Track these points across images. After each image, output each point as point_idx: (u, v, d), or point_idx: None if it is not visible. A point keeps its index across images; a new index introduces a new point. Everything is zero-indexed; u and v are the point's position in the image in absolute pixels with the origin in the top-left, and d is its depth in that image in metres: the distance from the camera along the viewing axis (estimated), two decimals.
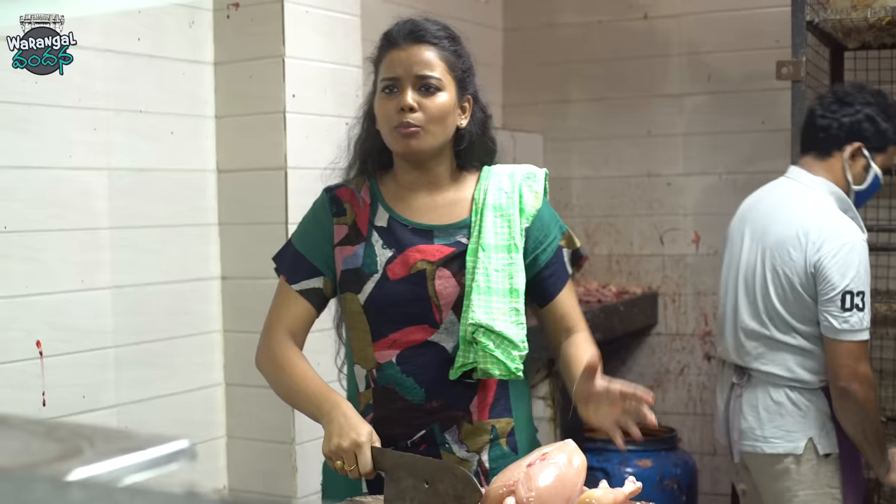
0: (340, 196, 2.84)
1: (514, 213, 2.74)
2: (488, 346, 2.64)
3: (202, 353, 3.91)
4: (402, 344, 2.71)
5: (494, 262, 2.68)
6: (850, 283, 3.60)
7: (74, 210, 3.44)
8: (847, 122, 3.80)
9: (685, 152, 5.69)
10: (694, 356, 5.69)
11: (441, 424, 2.72)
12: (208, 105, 3.93)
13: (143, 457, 1.13)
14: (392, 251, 2.73)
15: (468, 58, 2.82)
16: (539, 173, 2.85)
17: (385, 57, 2.76)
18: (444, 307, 2.69)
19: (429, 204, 2.79)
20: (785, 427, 3.74)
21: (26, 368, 3.28)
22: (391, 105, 2.69)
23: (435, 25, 2.77)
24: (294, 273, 2.84)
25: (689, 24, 5.67)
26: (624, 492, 2.33)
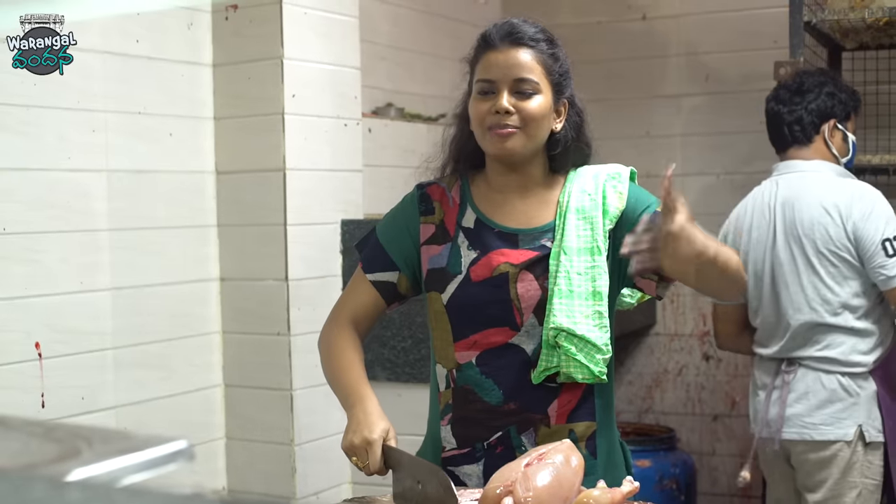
0: (431, 194, 2.83)
1: (597, 214, 2.71)
2: (570, 349, 2.62)
3: (201, 354, 3.92)
4: (483, 345, 2.70)
5: (577, 265, 2.66)
6: (885, 230, 3.77)
7: (73, 212, 3.44)
8: (815, 107, 3.98)
9: (683, 153, 5.69)
10: (692, 356, 5.69)
11: (518, 427, 2.69)
12: (207, 107, 3.94)
13: (142, 457, 1.13)
14: (477, 252, 2.72)
15: (565, 61, 2.81)
16: (624, 172, 2.82)
17: (482, 58, 2.73)
18: (525, 310, 2.68)
19: (517, 207, 2.77)
20: (836, 414, 3.82)
21: (25, 370, 3.28)
22: (486, 107, 2.67)
23: (533, 28, 2.75)
24: (371, 262, 2.84)
25: (687, 24, 5.67)
26: (622, 491, 2.33)
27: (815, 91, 3.99)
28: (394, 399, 3.81)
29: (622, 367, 5.83)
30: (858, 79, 5.06)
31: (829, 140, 3.97)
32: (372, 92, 4.80)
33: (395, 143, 4.76)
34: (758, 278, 3.99)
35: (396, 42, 5.09)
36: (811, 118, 3.97)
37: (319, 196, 4.00)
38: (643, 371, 5.79)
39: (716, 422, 5.62)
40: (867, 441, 3.80)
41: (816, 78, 4.05)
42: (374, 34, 4.88)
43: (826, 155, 3.99)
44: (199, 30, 3.91)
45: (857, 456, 3.80)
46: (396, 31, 5.11)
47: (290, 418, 3.88)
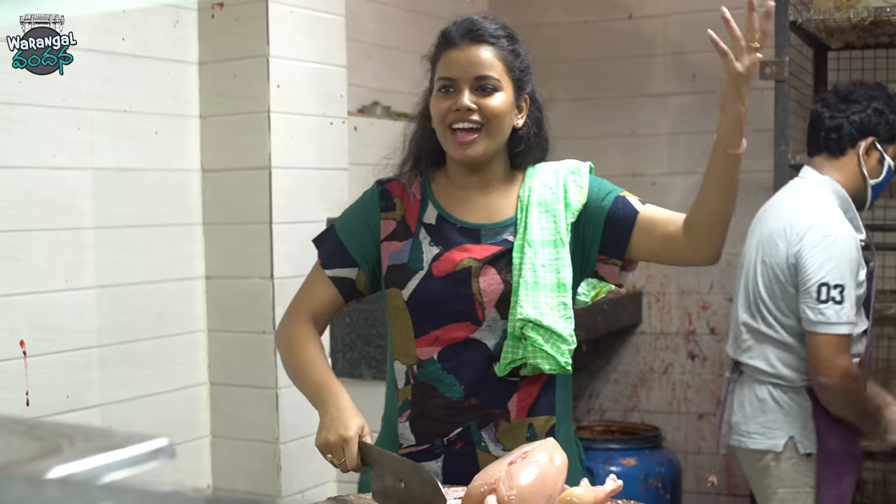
0: (391, 190, 2.83)
1: (559, 207, 2.73)
2: (537, 340, 2.63)
3: (186, 352, 3.92)
4: (444, 341, 2.70)
5: (541, 257, 2.68)
6: (827, 274, 3.62)
7: (59, 210, 3.44)
8: (857, 119, 3.82)
9: (670, 152, 5.70)
10: (678, 355, 5.71)
11: (478, 422, 2.70)
12: (193, 105, 3.94)
13: (122, 455, 1.13)
14: (439, 248, 2.72)
15: (526, 56, 2.79)
16: (583, 167, 2.83)
17: (442, 56, 2.73)
18: (487, 304, 2.68)
19: (479, 203, 2.78)
20: (767, 424, 3.77)
21: (10, 368, 3.28)
22: (447, 104, 2.68)
23: (493, 24, 2.74)
24: (330, 258, 2.84)
25: (673, 24, 5.68)
26: (605, 490, 2.33)
27: (863, 103, 3.85)
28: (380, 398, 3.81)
29: (608, 365, 5.84)
30: (844, 78, 5.07)
31: (864, 158, 3.83)
32: (358, 90, 4.80)
33: (380, 142, 4.73)
34: (739, 266, 4.01)
35: (383, 40, 5.09)
36: (851, 130, 3.83)
37: (305, 194, 4.00)
38: (629, 370, 5.81)
39: (701, 420, 5.63)
40: (802, 453, 3.75)
41: (869, 91, 3.90)
42: (361, 33, 4.88)
43: (849, 174, 3.84)
44: (184, 28, 3.91)
45: (793, 467, 3.75)
46: (383, 29, 5.11)
47: (276, 416, 3.88)
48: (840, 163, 3.85)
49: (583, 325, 4.85)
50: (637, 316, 5.77)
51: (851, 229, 3.73)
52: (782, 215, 3.79)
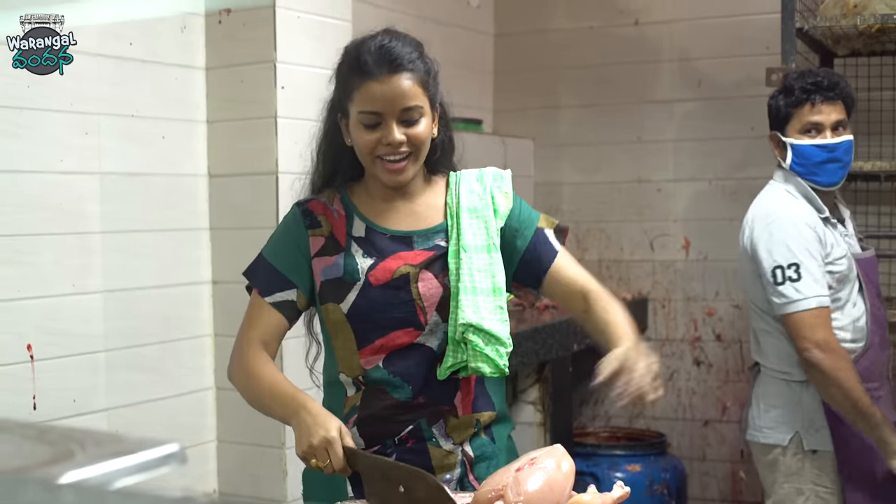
0: (313, 209, 2.81)
1: (489, 214, 2.76)
2: (478, 344, 2.65)
3: (193, 357, 3.92)
4: (389, 348, 2.72)
5: (477, 262, 2.71)
6: (778, 257, 3.70)
7: (66, 214, 3.44)
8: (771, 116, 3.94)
9: (675, 158, 5.70)
10: (684, 362, 5.70)
11: (428, 419, 2.73)
12: (200, 110, 3.94)
13: (134, 460, 1.13)
14: (373, 259, 2.73)
15: (433, 64, 2.78)
16: (506, 174, 2.86)
17: (360, 87, 2.68)
18: (428, 308, 2.70)
19: (404, 211, 2.79)
20: (776, 419, 3.81)
21: (17, 372, 3.28)
22: (374, 137, 2.65)
23: (406, 46, 2.72)
24: (267, 286, 2.82)
25: (679, 30, 5.68)
26: (612, 496, 2.34)
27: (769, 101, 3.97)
28: None
29: None
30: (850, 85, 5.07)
31: (775, 152, 3.94)
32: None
33: None
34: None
35: None
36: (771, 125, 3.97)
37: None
38: None
39: (706, 427, 5.63)
40: (808, 449, 3.76)
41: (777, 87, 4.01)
42: None
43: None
44: (192, 33, 3.91)
45: (799, 463, 3.76)
46: None
47: None
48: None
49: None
50: (642, 322, 5.76)
51: (802, 209, 3.79)
52: (746, 216, 3.91)
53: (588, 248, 5.90)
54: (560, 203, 5.94)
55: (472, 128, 5.45)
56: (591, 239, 5.91)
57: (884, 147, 5.07)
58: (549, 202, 5.85)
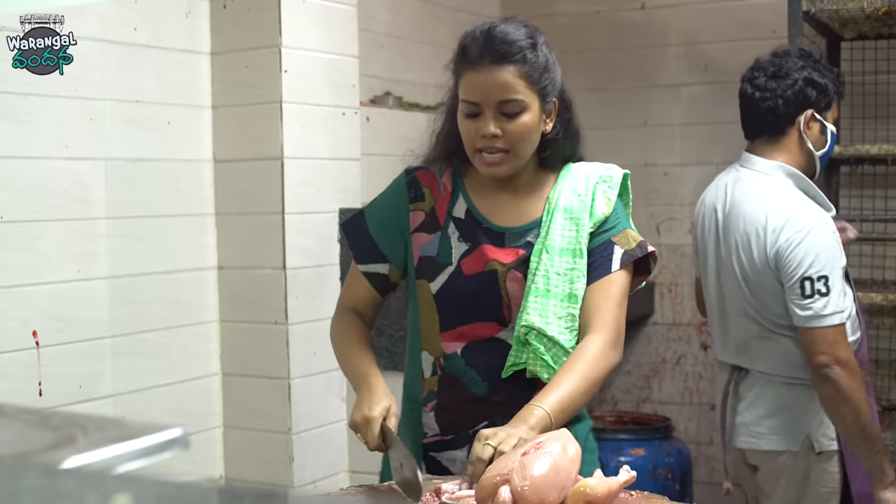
0: (420, 179, 2.82)
1: (584, 216, 2.71)
2: (539, 349, 2.65)
3: (199, 342, 3.92)
4: (469, 337, 2.72)
5: (557, 265, 2.67)
6: (808, 269, 3.48)
7: (71, 200, 3.44)
8: (790, 95, 3.66)
9: (682, 142, 5.69)
10: (690, 346, 5.70)
11: (503, 418, 2.69)
12: (205, 95, 3.94)
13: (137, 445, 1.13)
14: (467, 245, 2.73)
15: (549, 56, 2.72)
16: (616, 176, 2.80)
17: (463, 75, 2.66)
18: (514, 307, 2.70)
19: (507, 204, 2.77)
20: (782, 424, 3.66)
21: (23, 358, 3.28)
22: (473, 128, 2.64)
23: (513, 33, 2.65)
24: (362, 254, 2.85)
25: (686, 14, 5.66)
26: (619, 481, 2.33)
27: (792, 76, 3.67)
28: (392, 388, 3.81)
29: None
30: (857, 69, 5.05)
31: (805, 133, 3.68)
32: (370, 80, 4.80)
33: (393, 132, 4.76)
34: (703, 271, 3.86)
35: (395, 31, 5.09)
36: (786, 109, 3.67)
37: (317, 185, 4.00)
38: (641, 360, 5.80)
39: (713, 411, 5.62)
40: (819, 450, 3.65)
41: (795, 61, 3.72)
42: (373, 23, 4.87)
43: (794, 153, 3.70)
44: (197, 18, 3.91)
45: (806, 465, 3.65)
46: (395, 19, 5.10)
47: (288, 407, 3.88)
48: (782, 143, 3.71)
49: None
50: (649, 307, 5.76)
51: (822, 214, 3.60)
52: (749, 218, 3.63)
53: None
54: None
55: None
56: None
57: (891, 130, 5.05)
58: None
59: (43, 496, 0.94)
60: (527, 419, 2.50)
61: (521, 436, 2.43)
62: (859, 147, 4.68)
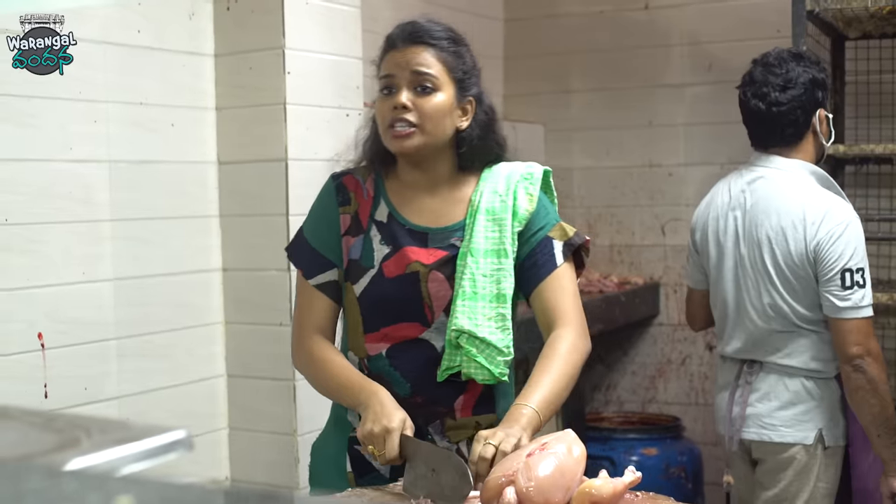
0: (346, 184, 2.86)
1: (506, 217, 2.75)
2: (472, 351, 2.67)
3: (204, 344, 3.92)
4: (393, 338, 2.75)
5: (483, 267, 2.70)
6: (849, 261, 3.59)
7: (75, 202, 3.44)
8: (805, 104, 3.76)
9: (686, 142, 5.69)
10: (696, 346, 5.70)
11: (424, 419, 2.75)
12: (209, 97, 3.94)
13: (141, 447, 1.13)
14: (389, 248, 2.76)
15: (471, 59, 2.82)
16: (537, 173, 2.83)
17: (385, 58, 2.79)
18: (436, 308, 2.73)
19: (428, 204, 2.80)
20: (797, 416, 3.71)
21: (28, 360, 3.28)
22: (387, 104, 2.72)
23: (436, 27, 2.79)
24: (309, 267, 2.86)
25: (689, 14, 5.67)
26: (624, 481, 2.33)
27: (800, 84, 3.75)
28: None
29: (626, 356, 5.83)
30: (861, 68, 5.05)
31: (819, 129, 3.80)
32: (374, 82, 4.79)
33: None
34: (718, 273, 3.88)
35: None
36: (804, 118, 3.76)
37: (321, 186, 3.99)
38: (646, 361, 5.80)
39: None
40: (826, 446, 3.71)
41: (798, 68, 3.78)
42: (376, 24, 4.87)
43: (811, 150, 3.80)
44: (200, 20, 3.91)
45: (814, 460, 3.70)
46: (398, 20, 5.09)
47: (293, 408, 3.88)
48: (798, 147, 3.81)
49: (600, 317, 4.86)
50: (655, 307, 5.76)
51: (853, 209, 3.72)
52: (783, 212, 3.69)
53: (599, 233, 5.89)
54: (571, 188, 5.93)
55: None
56: (602, 224, 5.90)
57: (895, 129, 5.05)
58: (560, 187, 5.80)
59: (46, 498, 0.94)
60: (518, 419, 2.52)
61: (518, 436, 2.45)
62: (864, 146, 4.67)
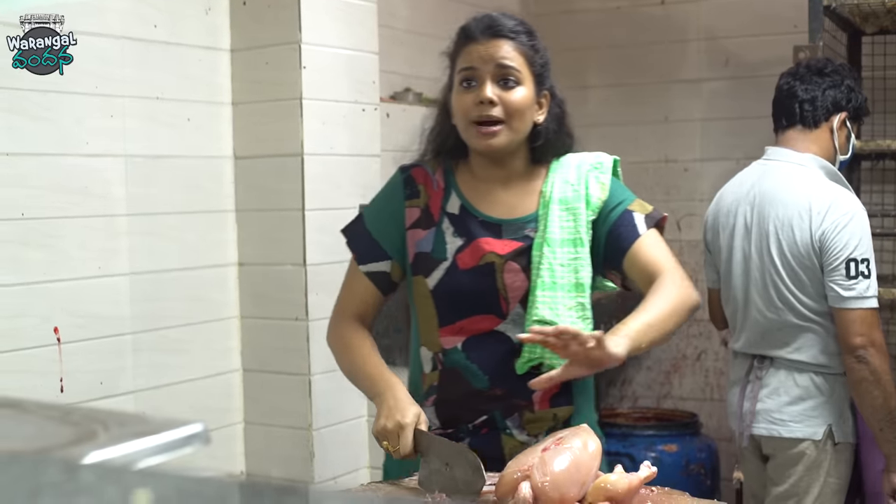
0: (415, 177, 2.84)
1: (580, 206, 2.72)
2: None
3: (219, 339, 3.93)
4: (469, 331, 2.73)
5: (560, 256, 2.68)
6: (854, 251, 3.57)
7: (91, 197, 3.45)
8: (832, 94, 3.79)
9: (702, 138, 5.68)
10: (711, 342, 5.68)
11: (502, 412, 2.73)
12: (225, 92, 3.94)
13: (157, 440, 1.13)
14: (462, 240, 2.74)
15: (545, 52, 2.81)
16: (607, 162, 2.83)
17: (462, 50, 2.75)
18: (511, 299, 2.70)
19: (500, 196, 2.78)
20: (806, 412, 3.70)
21: (44, 354, 3.29)
22: (469, 98, 2.68)
23: (512, 20, 2.76)
24: (363, 254, 2.87)
25: (706, 9, 5.65)
26: (639, 476, 2.33)
27: (835, 78, 3.81)
28: None
29: None
30: (878, 63, 5.03)
31: (837, 132, 3.79)
32: (390, 77, 4.80)
33: (413, 128, 4.72)
34: (727, 267, 3.88)
35: (414, 27, 5.08)
36: (826, 103, 3.78)
37: (337, 181, 4.00)
38: (661, 356, 5.79)
39: None
40: (836, 441, 3.69)
41: (840, 69, 3.87)
42: (392, 19, 4.87)
43: (826, 146, 3.79)
44: (217, 15, 3.91)
45: (824, 455, 3.69)
46: (415, 15, 5.10)
47: (308, 403, 3.88)
48: (814, 136, 3.81)
49: (615, 312, 4.84)
50: None
51: (859, 201, 3.72)
52: (789, 203, 3.69)
53: None
54: None
55: None
56: None
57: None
58: None
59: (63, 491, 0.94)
60: (616, 330, 2.48)
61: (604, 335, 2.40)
62: (881, 142, 4.66)
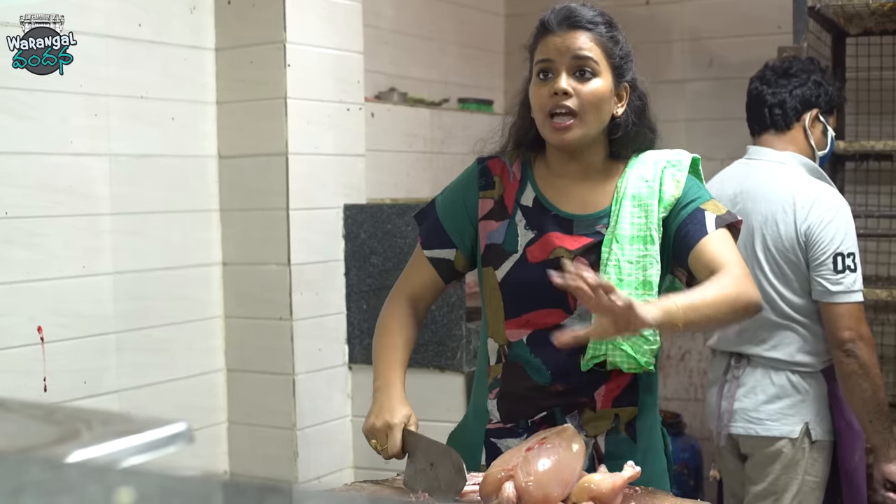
0: (491, 168, 2.82)
1: (652, 203, 2.68)
2: (618, 340, 2.60)
3: (203, 338, 3.92)
4: (535, 325, 2.70)
5: (628, 253, 2.64)
6: (840, 245, 3.59)
7: (75, 196, 3.45)
8: (799, 93, 3.80)
9: (687, 138, 5.68)
10: (695, 342, 5.69)
11: (563, 408, 2.70)
12: (209, 91, 3.94)
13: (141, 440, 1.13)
14: (533, 233, 2.71)
15: (626, 44, 2.79)
16: (685, 160, 2.78)
17: (539, 42, 2.72)
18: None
19: (576, 192, 2.75)
20: (783, 410, 3.72)
21: (28, 354, 3.28)
22: (545, 90, 2.65)
23: (591, 11, 2.74)
24: (429, 238, 2.85)
25: (690, 10, 5.66)
26: (623, 476, 2.33)
27: (801, 76, 3.82)
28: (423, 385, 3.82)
29: None
30: (863, 64, 5.05)
31: (810, 130, 3.80)
32: (375, 76, 4.80)
33: (397, 128, 4.76)
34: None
35: (399, 26, 5.09)
36: (794, 103, 3.80)
37: (322, 180, 4.00)
38: None
39: None
40: (813, 440, 3.70)
41: (805, 65, 3.87)
42: (377, 18, 4.87)
43: (803, 145, 3.81)
44: (201, 14, 3.91)
45: (801, 453, 3.70)
46: (399, 15, 5.10)
47: (292, 403, 3.88)
48: (788, 137, 3.82)
49: None
50: None
51: (842, 196, 3.73)
52: (773, 199, 3.71)
53: None
54: None
55: (483, 108, 5.44)
56: None
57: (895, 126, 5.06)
58: None
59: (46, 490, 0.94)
60: (656, 302, 2.41)
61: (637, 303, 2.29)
62: (864, 143, 4.67)
